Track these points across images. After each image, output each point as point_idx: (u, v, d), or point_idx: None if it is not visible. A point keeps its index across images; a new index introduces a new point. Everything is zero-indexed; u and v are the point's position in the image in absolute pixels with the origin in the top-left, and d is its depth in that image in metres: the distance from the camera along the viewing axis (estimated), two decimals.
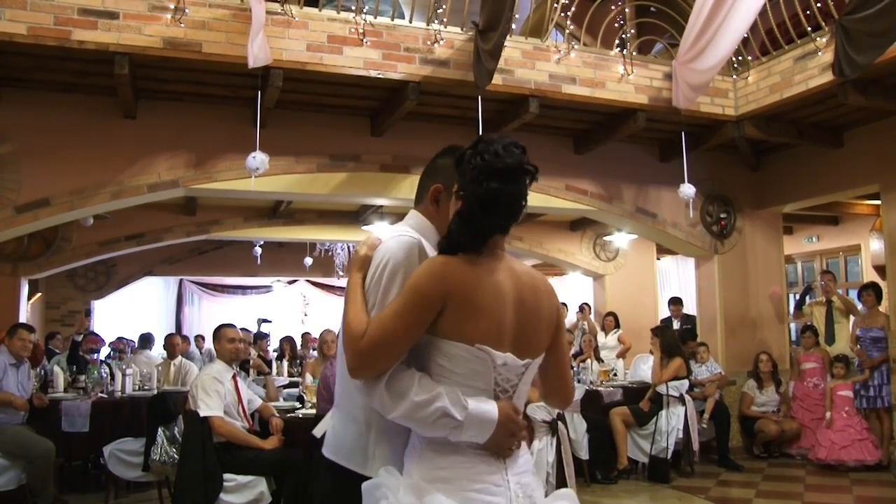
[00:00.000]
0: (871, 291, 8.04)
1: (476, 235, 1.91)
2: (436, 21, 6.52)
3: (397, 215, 2.27)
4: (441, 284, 1.85)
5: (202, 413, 5.15)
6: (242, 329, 7.14)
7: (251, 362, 8.24)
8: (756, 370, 8.50)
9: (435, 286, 1.85)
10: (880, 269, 9.30)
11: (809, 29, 6.70)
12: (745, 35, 6.79)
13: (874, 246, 10.72)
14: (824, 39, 6.56)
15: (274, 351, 11.53)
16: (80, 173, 6.34)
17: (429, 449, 1.91)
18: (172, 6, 5.64)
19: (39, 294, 12.07)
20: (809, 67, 6.76)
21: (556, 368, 2.08)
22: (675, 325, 10.01)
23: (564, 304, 12.46)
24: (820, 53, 6.61)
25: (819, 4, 6.53)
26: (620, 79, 7.12)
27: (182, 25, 5.66)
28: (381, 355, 1.86)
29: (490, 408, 1.88)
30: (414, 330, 1.86)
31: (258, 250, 13.35)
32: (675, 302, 10.55)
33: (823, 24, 6.61)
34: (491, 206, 1.90)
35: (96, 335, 9.33)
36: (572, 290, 15.43)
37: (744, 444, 8.49)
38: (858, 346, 7.91)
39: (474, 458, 1.89)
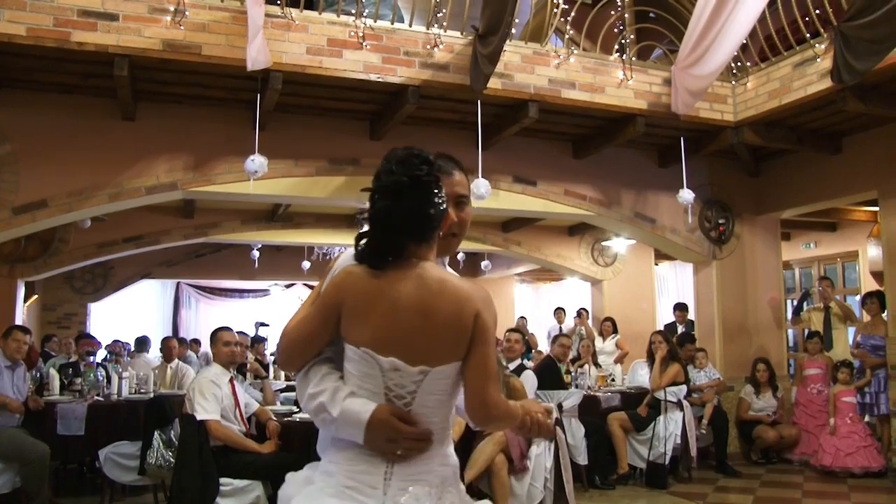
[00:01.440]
0: (875, 299, 8.01)
1: (375, 251, 1.97)
2: (436, 25, 6.52)
3: None
4: (338, 292, 1.98)
5: (199, 416, 5.13)
6: (240, 333, 7.12)
7: (248, 366, 8.22)
8: (753, 377, 8.49)
9: (333, 293, 1.99)
10: (878, 276, 9.30)
11: (808, 35, 6.71)
12: (745, 41, 6.81)
13: (872, 252, 10.73)
14: (823, 46, 6.57)
15: (271, 355, 11.50)
16: (79, 175, 6.32)
17: (332, 442, 2.01)
18: (172, 8, 5.64)
19: (36, 296, 12.04)
20: (808, 74, 6.77)
21: (467, 381, 1.96)
22: (680, 330, 10.01)
23: (562, 309, 12.51)
24: (819, 60, 6.62)
25: (818, 11, 6.54)
26: (620, 84, 7.12)
27: (182, 28, 5.66)
28: (295, 352, 2.06)
29: (362, 409, 1.92)
30: (319, 331, 2.01)
31: (256, 253, 13.34)
32: (681, 308, 10.53)
33: (822, 30, 6.62)
34: (383, 224, 1.96)
35: (92, 338, 9.30)
36: (570, 296, 15.44)
37: (742, 449, 8.47)
38: (859, 351, 7.89)
39: (359, 456, 1.94)
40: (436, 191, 1.96)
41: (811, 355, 8.57)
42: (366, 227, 2.03)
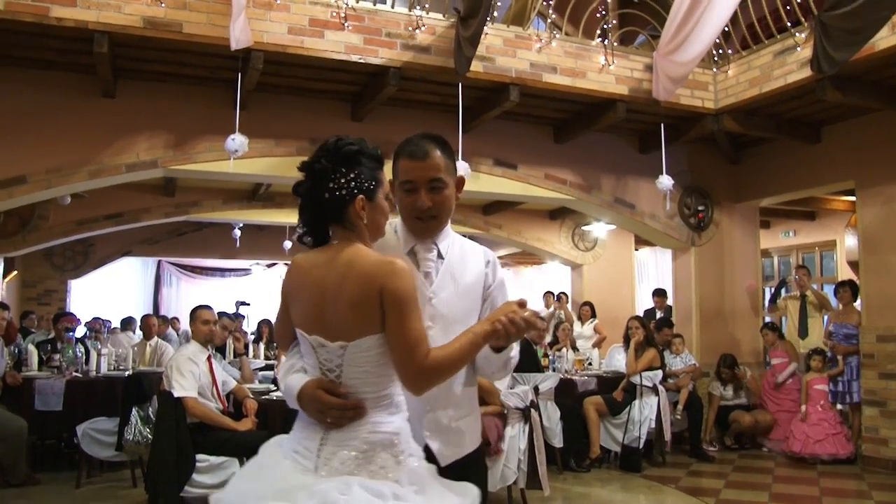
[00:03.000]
0: (847, 288, 8.13)
1: (299, 233, 2.19)
2: (418, 7, 6.50)
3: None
4: (285, 280, 2.22)
5: (176, 393, 5.16)
6: (222, 314, 7.14)
7: (230, 343, 8.23)
8: (718, 372, 8.59)
9: (283, 282, 2.23)
10: (855, 265, 9.40)
11: (789, 24, 6.76)
12: (726, 28, 6.84)
13: (849, 242, 10.83)
14: (803, 35, 6.62)
15: (251, 334, 11.51)
16: (58, 152, 6.28)
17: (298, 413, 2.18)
18: None
19: (15, 272, 11.98)
20: (788, 62, 6.82)
21: (391, 353, 2.03)
22: (659, 316, 10.10)
23: (550, 293, 12.54)
24: (799, 49, 6.67)
25: (799, 0, 6.58)
26: (601, 69, 7.15)
27: (163, 5, 5.62)
28: (278, 334, 2.34)
29: (294, 384, 2.13)
30: (283, 316, 2.24)
31: (237, 233, 13.30)
32: (659, 293, 10.62)
33: (803, 19, 6.67)
34: (299, 207, 2.18)
35: (72, 315, 9.28)
36: (550, 279, 15.51)
37: (717, 435, 8.57)
38: (831, 341, 8.01)
39: (306, 425, 2.11)
40: (332, 177, 2.09)
41: (770, 345, 8.69)
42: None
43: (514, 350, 2.32)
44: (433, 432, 2.31)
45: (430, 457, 2.22)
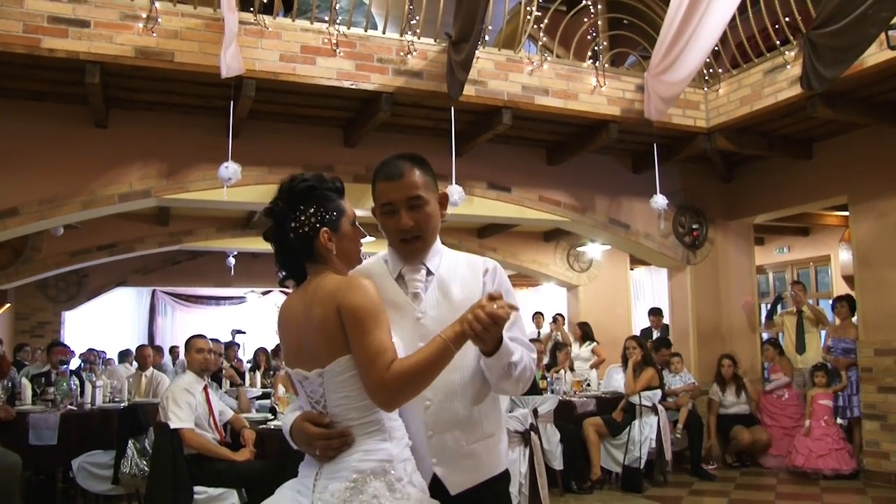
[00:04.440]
0: (844, 303, 8.15)
1: (282, 277, 2.26)
2: (409, 32, 6.53)
3: (370, 226, 2.29)
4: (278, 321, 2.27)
5: (173, 425, 5.11)
6: (214, 340, 7.09)
7: (224, 372, 8.18)
8: (718, 373, 8.58)
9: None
10: (849, 280, 9.42)
11: (778, 43, 6.80)
12: (716, 48, 6.87)
13: (843, 256, 10.86)
14: (793, 53, 6.66)
15: (248, 362, 11.46)
16: (51, 182, 6.26)
17: None
18: (144, 15, 5.61)
19: (8, 304, 11.92)
20: (778, 80, 6.85)
21: (357, 366, 2.00)
22: (655, 335, 10.07)
23: (540, 314, 12.55)
24: (789, 67, 6.71)
25: (787, 19, 6.63)
26: (593, 90, 7.18)
27: (154, 34, 5.63)
28: (286, 382, 2.53)
29: (287, 420, 2.20)
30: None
31: (232, 261, 13.28)
32: (655, 312, 10.61)
33: (792, 38, 6.71)
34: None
35: (65, 346, 9.22)
36: (547, 301, 15.49)
37: (720, 450, 8.53)
38: (831, 356, 8.01)
39: (307, 462, 2.14)
40: (292, 216, 2.13)
41: (769, 361, 8.67)
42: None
43: (516, 355, 2.13)
44: (439, 458, 2.18)
45: (439, 485, 2.16)
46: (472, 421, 2.23)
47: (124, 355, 9.80)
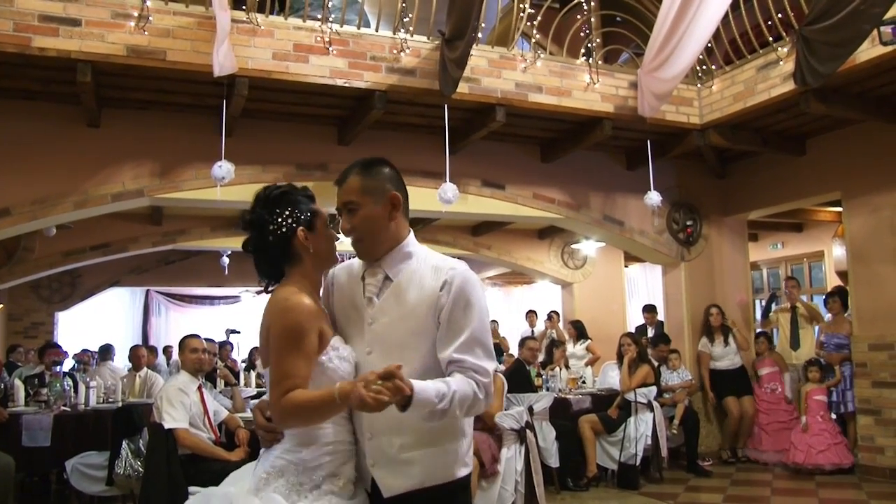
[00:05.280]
0: (836, 298, 8.17)
1: (265, 284, 2.43)
2: (402, 30, 6.52)
3: None
4: None
5: (167, 425, 5.09)
6: (208, 339, 7.07)
7: (218, 372, 8.16)
8: (707, 323, 8.60)
9: None
10: (843, 275, 9.43)
11: (771, 39, 6.80)
12: (709, 45, 6.88)
13: (837, 252, 10.88)
14: (786, 49, 6.67)
15: (242, 362, 11.44)
16: (43, 182, 6.22)
17: None
18: (136, 13, 5.58)
19: (1, 305, 11.87)
20: (772, 77, 6.86)
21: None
22: (650, 332, 10.07)
23: (533, 312, 12.56)
24: (781, 63, 6.71)
25: (780, 15, 6.63)
26: (586, 88, 7.17)
27: (146, 33, 5.61)
28: None
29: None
30: None
31: (226, 260, 13.23)
32: (649, 309, 10.60)
33: (784, 34, 6.71)
34: None
35: (58, 347, 9.18)
36: (541, 299, 15.50)
37: (719, 432, 8.62)
38: (824, 352, 8.03)
39: None
40: (270, 219, 2.30)
41: (759, 355, 8.69)
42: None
43: (443, 402, 2.04)
44: (375, 460, 2.24)
45: (377, 487, 2.25)
46: (413, 429, 2.20)
47: (105, 352, 9.61)
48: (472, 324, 2.19)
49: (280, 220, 2.28)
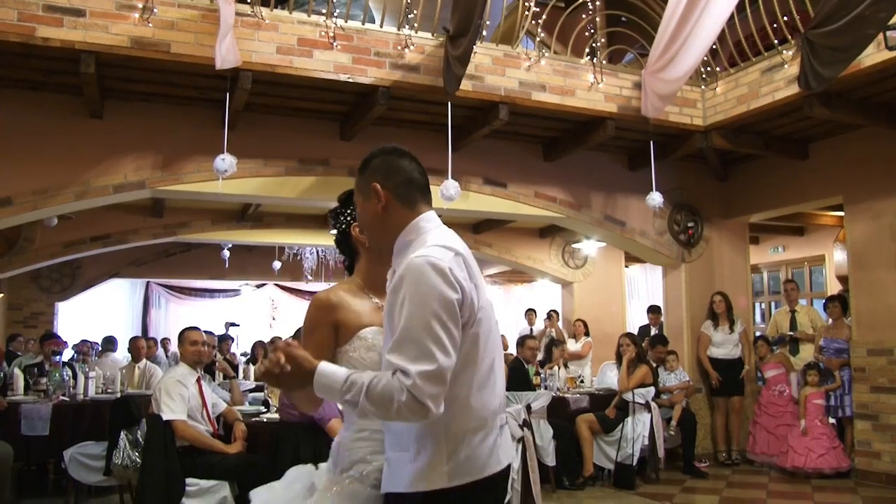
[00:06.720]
0: (837, 303, 8.15)
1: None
2: (406, 26, 6.51)
3: None
4: None
5: (165, 416, 5.10)
6: (207, 332, 7.07)
7: (217, 364, 8.17)
8: (711, 310, 8.62)
9: None
10: (844, 280, 9.43)
11: (776, 42, 6.79)
12: (714, 46, 6.87)
13: (838, 257, 10.88)
14: (790, 52, 6.66)
15: (242, 355, 11.45)
16: (44, 173, 6.22)
17: None
18: (140, 5, 5.58)
19: (2, 295, 11.88)
20: (776, 80, 6.85)
21: None
22: (654, 332, 10.07)
23: (533, 311, 12.56)
24: (786, 66, 6.71)
25: (786, 18, 6.62)
26: (590, 87, 7.17)
27: (150, 25, 5.60)
28: None
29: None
30: None
31: (226, 253, 13.25)
32: (654, 310, 10.58)
33: (790, 37, 6.71)
34: None
35: (58, 337, 9.19)
36: (541, 298, 15.49)
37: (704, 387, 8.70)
38: (823, 356, 8.02)
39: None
40: (341, 218, 2.58)
41: (761, 357, 8.69)
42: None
43: (349, 395, 1.95)
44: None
45: None
46: (390, 429, 2.14)
47: (108, 343, 9.61)
48: (404, 320, 1.96)
49: (342, 217, 2.56)
